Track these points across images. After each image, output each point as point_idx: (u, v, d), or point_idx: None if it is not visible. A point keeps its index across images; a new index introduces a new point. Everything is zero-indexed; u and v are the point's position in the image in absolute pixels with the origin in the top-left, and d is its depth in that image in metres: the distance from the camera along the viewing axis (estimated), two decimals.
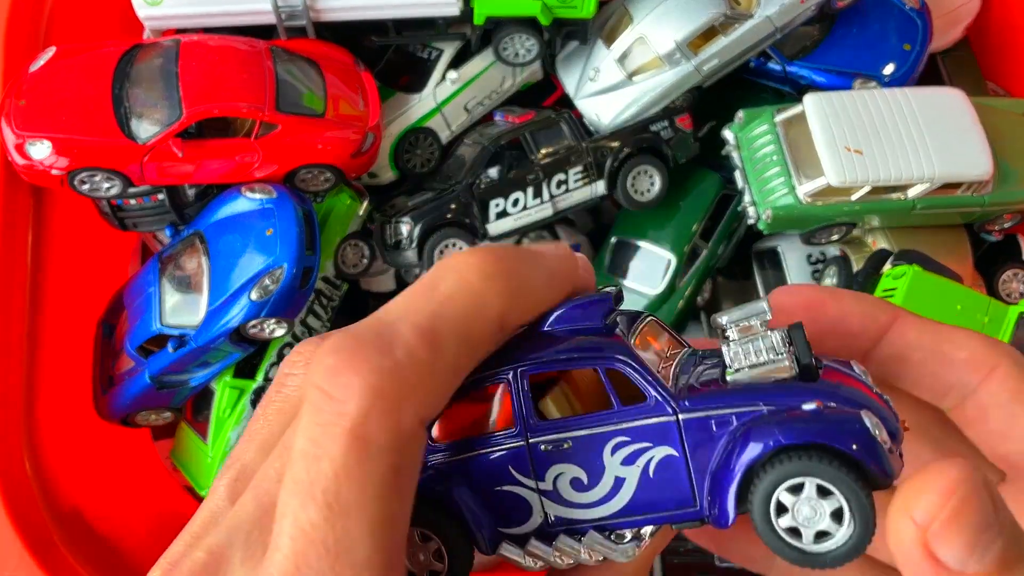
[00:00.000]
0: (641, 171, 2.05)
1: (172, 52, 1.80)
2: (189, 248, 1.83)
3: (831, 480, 0.56)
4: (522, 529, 0.64)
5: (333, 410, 0.45)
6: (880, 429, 0.57)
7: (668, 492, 0.62)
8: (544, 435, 0.63)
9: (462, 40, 2.11)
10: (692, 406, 0.61)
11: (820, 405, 0.58)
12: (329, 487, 0.44)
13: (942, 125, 1.91)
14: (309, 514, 0.44)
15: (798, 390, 0.59)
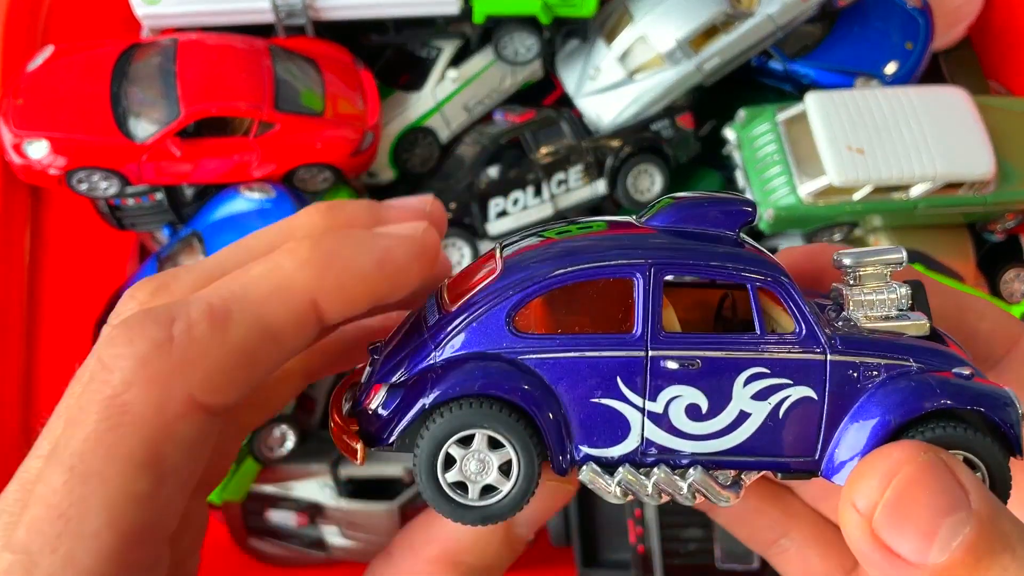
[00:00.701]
0: (642, 170, 2.04)
1: (170, 51, 1.79)
2: (187, 248, 1.82)
3: (982, 453, 0.53)
4: (611, 452, 0.57)
5: (100, 378, 0.45)
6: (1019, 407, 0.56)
7: (792, 437, 0.57)
8: (671, 349, 0.56)
9: (462, 39, 2.10)
10: (844, 348, 0.56)
11: (971, 372, 0.56)
12: (75, 452, 0.43)
13: (944, 124, 1.90)
14: (53, 479, 0.43)
15: (943, 355, 0.57)
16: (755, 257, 0.57)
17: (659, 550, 1.63)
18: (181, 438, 0.45)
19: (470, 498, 0.57)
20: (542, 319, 0.58)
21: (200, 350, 0.46)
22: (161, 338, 0.45)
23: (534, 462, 0.57)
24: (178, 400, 0.45)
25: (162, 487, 0.44)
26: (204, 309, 0.47)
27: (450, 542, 0.59)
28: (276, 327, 0.49)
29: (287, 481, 1.82)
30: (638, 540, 1.65)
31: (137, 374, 0.44)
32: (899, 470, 0.46)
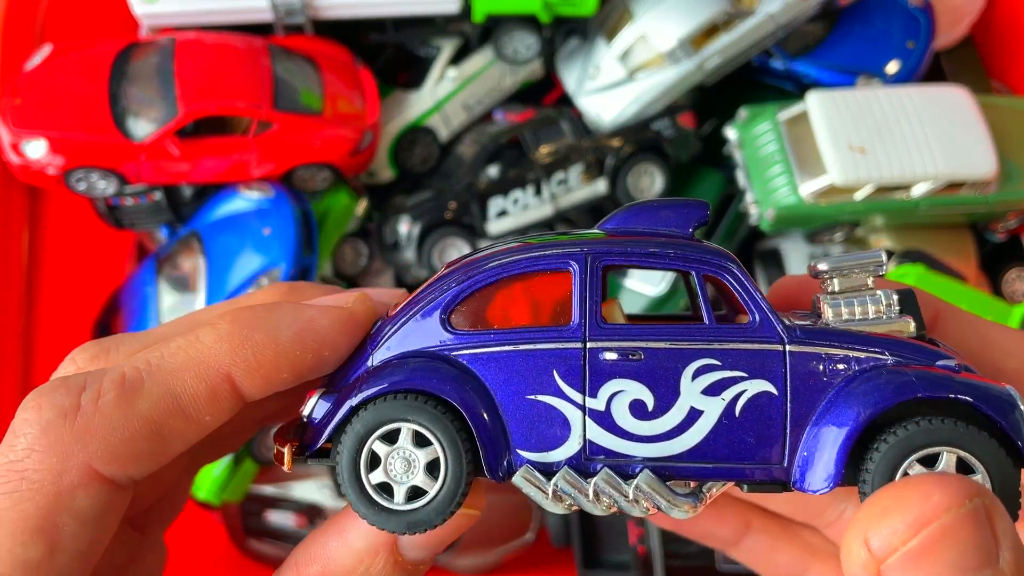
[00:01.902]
0: (642, 170, 2.04)
1: (168, 50, 1.78)
2: (186, 248, 1.81)
3: (979, 454, 0.47)
4: (551, 455, 0.52)
5: (8, 443, 0.45)
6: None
7: (753, 439, 0.51)
8: (609, 340, 0.52)
9: (461, 38, 2.09)
10: (804, 336, 0.51)
11: (958, 364, 0.50)
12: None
13: (946, 123, 1.89)
14: None
15: (926, 350, 0.51)
16: (702, 247, 0.54)
17: (660, 551, 1.62)
18: (78, 508, 0.45)
19: (395, 502, 0.54)
20: (480, 316, 0.56)
21: (103, 420, 0.46)
22: (67, 406, 0.45)
23: (462, 459, 0.53)
24: (76, 469, 0.45)
25: (55, 555, 0.44)
26: (116, 379, 0.47)
27: (332, 561, 0.55)
28: (186, 401, 0.48)
29: (286, 482, 1.82)
30: (638, 541, 1.64)
31: (39, 441, 0.45)
32: (935, 518, 0.41)
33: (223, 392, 0.49)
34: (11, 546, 0.43)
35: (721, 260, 0.53)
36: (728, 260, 0.53)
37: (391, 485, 0.54)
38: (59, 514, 0.44)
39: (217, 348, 0.49)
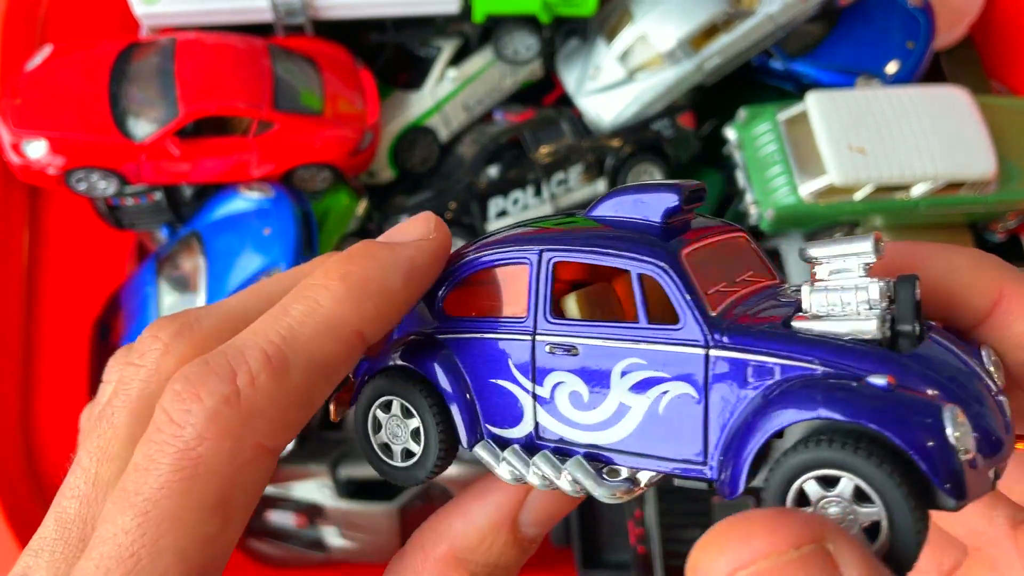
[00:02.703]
0: (642, 170, 2.04)
1: (168, 50, 1.78)
2: (186, 248, 1.81)
3: (872, 483, 0.43)
4: (510, 433, 0.58)
5: (171, 432, 0.47)
6: (965, 432, 0.43)
7: (675, 438, 0.51)
8: (553, 334, 0.55)
9: (461, 38, 2.10)
10: (731, 343, 0.49)
11: (892, 382, 0.44)
12: (150, 497, 0.45)
13: (945, 124, 1.89)
14: (124, 520, 0.45)
15: (873, 357, 0.46)
16: (639, 243, 0.54)
17: (659, 551, 1.62)
18: (249, 482, 0.48)
19: (394, 461, 0.61)
20: (465, 303, 0.61)
21: (265, 401, 0.48)
22: (228, 392, 0.48)
23: (434, 431, 0.59)
24: (248, 449, 0.48)
25: (228, 527, 0.47)
26: (261, 359, 0.49)
27: (457, 539, 0.60)
28: (329, 364, 0.51)
29: (286, 482, 1.82)
30: (638, 541, 1.64)
31: (209, 428, 0.47)
32: (752, 563, 0.38)
33: (356, 347, 0.53)
34: (192, 524, 0.45)
35: (654, 259, 0.52)
36: (661, 259, 0.52)
37: (390, 446, 0.61)
38: (233, 490, 0.47)
39: (341, 310, 0.52)
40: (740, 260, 0.60)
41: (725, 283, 0.55)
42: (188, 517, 0.46)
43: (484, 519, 0.59)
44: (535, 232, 0.59)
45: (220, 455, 0.47)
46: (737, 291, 0.55)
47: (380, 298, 0.53)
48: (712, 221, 0.60)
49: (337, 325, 0.51)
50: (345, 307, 0.52)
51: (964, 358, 0.49)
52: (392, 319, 0.55)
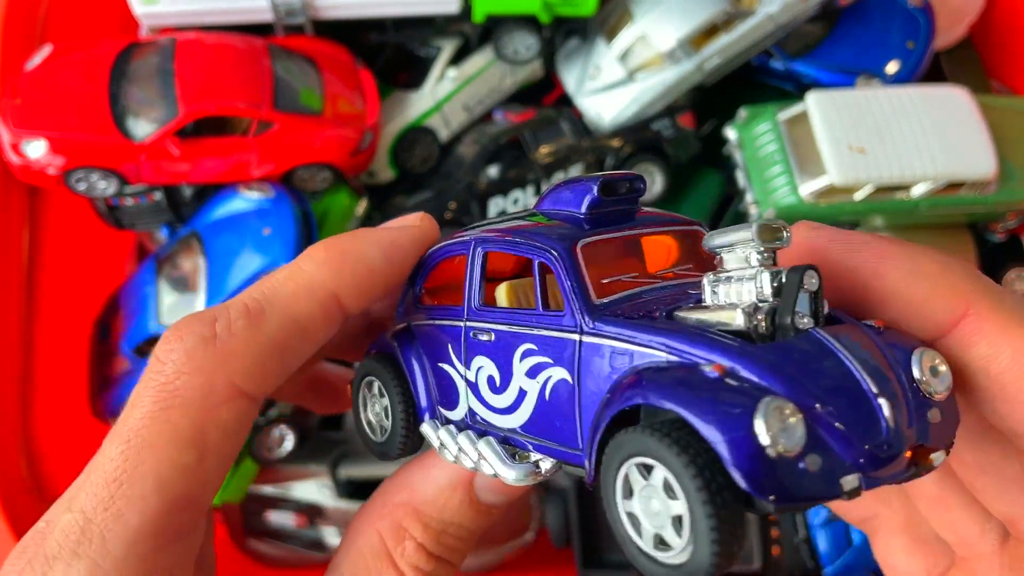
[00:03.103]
0: (642, 170, 2.04)
1: (168, 50, 1.78)
2: (186, 248, 1.81)
3: (674, 473, 0.41)
4: (452, 414, 0.62)
5: (155, 369, 0.52)
6: (784, 428, 0.40)
7: (558, 422, 0.53)
8: (478, 321, 0.59)
9: (461, 38, 2.09)
10: (597, 330, 0.50)
11: (719, 371, 0.43)
12: (133, 427, 0.50)
13: (945, 124, 1.89)
14: (111, 449, 0.50)
15: (717, 347, 0.44)
16: (552, 234, 0.55)
17: None
18: (223, 421, 0.52)
19: (376, 437, 0.67)
20: (430, 293, 0.66)
21: (240, 344, 0.53)
22: (206, 334, 0.53)
23: (397, 408, 0.63)
24: (221, 387, 0.52)
25: (204, 462, 0.51)
26: (241, 308, 0.55)
27: (416, 492, 0.64)
28: (304, 321, 0.56)
29: (286, 482, 1.82)
30: None
31: (186, 365, 0.52)
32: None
33: (332, 309, 0.57)
34: (169, 453, 0.50)
35: (549, 248, 0.54)
36: (555, 248, 0.54)
37: (371, 422, 0.67)
38: (207, 426, 0.51)
39: (320, 273, 0.57)
40: (679, 254, 0.58)
41: (636, 274, 0.55)
42: (164, 446, 0.50)
43: (442, 477, 0.63)
44: (492, 225, 0.62)
45: (195, 389, 0.51)
46: (646, 283, 0.54)
47: (357, 266, 0.58)
48: (661, 216, 0.59)
49: (315, 287, 0.56)
50: (324, 271, 0.57)
51: (850, 356, 0.45)
52: (371, 290, 0.59)
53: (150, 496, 0.48)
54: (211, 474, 0.52)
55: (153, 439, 0.50)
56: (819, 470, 0.41)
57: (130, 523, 0.48)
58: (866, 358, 0.45)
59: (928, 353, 0.47)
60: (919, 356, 0.47)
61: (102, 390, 1.89)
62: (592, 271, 0.53)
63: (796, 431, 0.41)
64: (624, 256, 0.57)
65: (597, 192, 0.56)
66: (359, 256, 0.59)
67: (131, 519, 0.48)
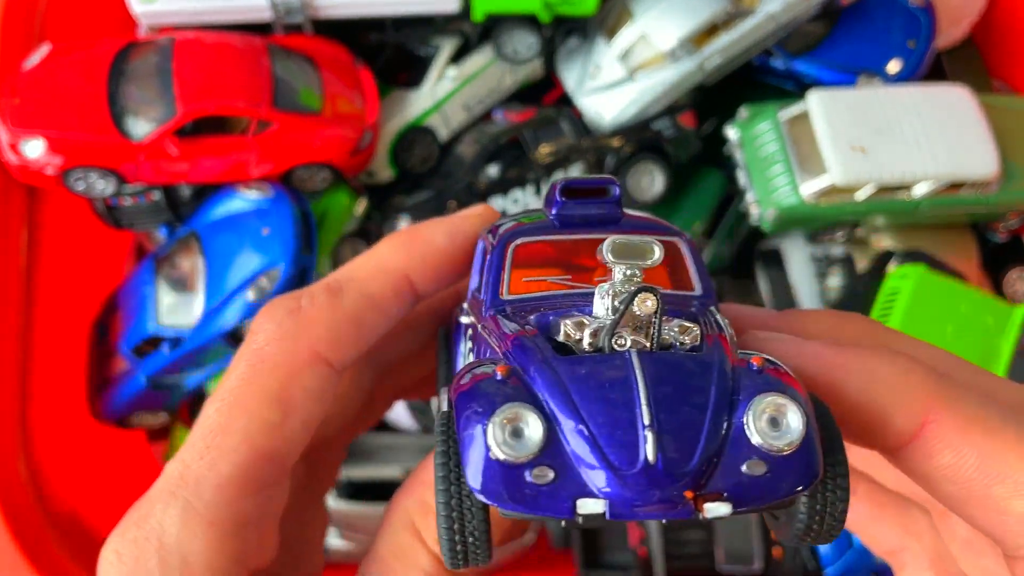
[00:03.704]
0: (642, 169, 2.03)
1: (167, 49, 1.78)
2: (184, 248, 1.81)
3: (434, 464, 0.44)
4: None
5: (250, 339, 0.58)
6: (516, 433, 0.41)
7: None
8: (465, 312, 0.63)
9: (461, 37, 2.09)
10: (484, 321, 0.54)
11: (502, 372, 0.44)
12: (228, 388, 0.56)
13: (947, 123, 1.89)
14: (210, 408, 0.56)
15: (522, 353, 0.45)
16: (510, 229, 0.58)
17: (660, 552, 1.62)
18: (306, 383, 0.57)
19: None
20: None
21: (320, 313, 0.59)
22: (292, 307, 0.59)
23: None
24: (304, 352, 0.58)
25: (288, 420, 0.56)
26: (323, 286, 0.62)
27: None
28: (378, 297, 0.62)
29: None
30: (640, 543, 1.64)
31: (274, 332, 0.58)
32: None
33: (404, 288, 0.63)
34: (257, 410, 0.55)
35: (494, 243, 0.57)
36: (496, 243, 0.58)
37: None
38: (292, 388, 0.57)
39: (394, 256, 0.63)
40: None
41: (568, 277, 0.55)
42: (253, 404, 0.55)
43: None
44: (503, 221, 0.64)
45: (281, 353, 0.57)
46: (570, 287, 0.54)
47: (425, 248, 0.64)
48: (639, 222, 0.58)
49: (387, 267, 0.63)
50: (396, 254, 0.64)
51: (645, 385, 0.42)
52: (439, 273, 0.65)
53: (239, 447, 0.54)
54: (295, 432, 0.57)
55: (244, 398, 0.56)
56: (548, 485, 0.41)
57: (221, 471, 0.53)
58: (667, 391, 0.42)
59: (768, 401, 0.43)
60: (755, 403, 0.43)
61: (100, 390, 1.88)
62: (519, 269, 0.56)
63: (528, 440, 0.41)
64: (569, 258, 0.56)
65: (559, 196, 0.57)
66: (426, 239, 0.65)
67: (222, 467, 0.53)
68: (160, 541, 0.51)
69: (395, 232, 0.67)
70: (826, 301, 2.02)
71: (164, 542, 0.51)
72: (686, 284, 0.57)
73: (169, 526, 0.52)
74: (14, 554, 1.57)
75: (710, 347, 0.45)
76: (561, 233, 0.57)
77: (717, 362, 0.44)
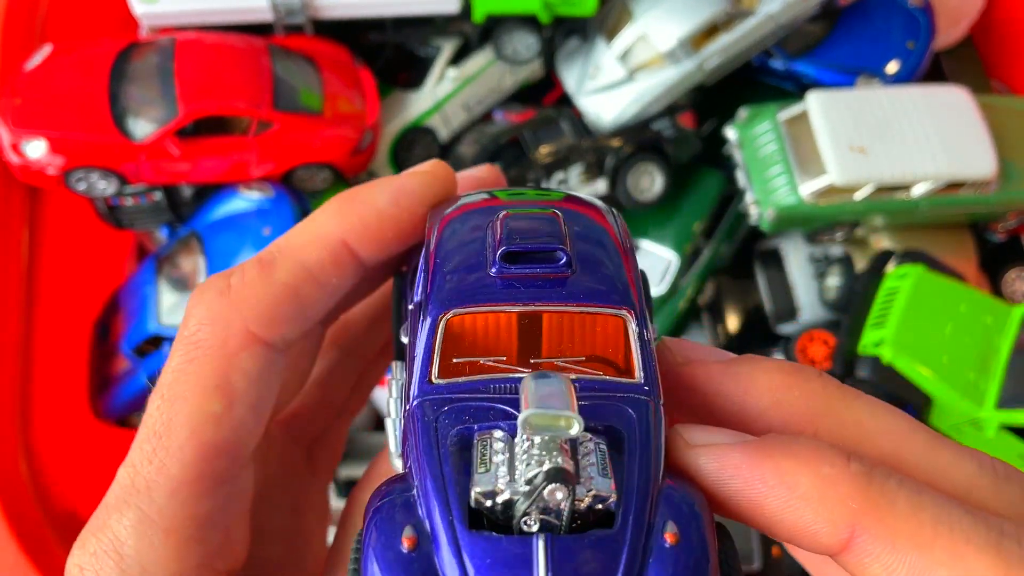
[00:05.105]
0: (642, 170, 2.04)
1: (168, 50, 1.78)
2: (185, 248, 1.81)
3: None
4: None
5: (181, 328, 0.54)
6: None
7: None
8: None
9: (461, 38, 2.09)
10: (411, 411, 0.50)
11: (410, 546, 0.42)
12: (166, 383, 0.52)
13: (946, 123, 1.89)
14: (151, 407, 0.52)
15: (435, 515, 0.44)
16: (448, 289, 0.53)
17: None
18: (245, 368, 0.53)
19: None
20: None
21: (251, 290, 0.55)
22: (222, 287, 0.55)
23: None
24: (237, 333, 0.53)
25: (233, 408, 0.52)
26: (254, 261, 0.57)
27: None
28: (314, 267, 0.57)
29: None
30: None
31: (205, 317, 0.54)
32: None
33: (343, 256, 0.57)
34: (197, 402, 0.51)
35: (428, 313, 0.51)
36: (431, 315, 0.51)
37: None
38: (230, 373, 0.53)
39: (329, 221, 0.58)
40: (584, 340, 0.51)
41: (503, 358, 0.50)
42: (192, 396, 0.51)
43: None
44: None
45: (214, 338, 0.53)
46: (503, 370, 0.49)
47: (364, 209, 0.58)
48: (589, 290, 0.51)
49: (323, 234, 0.57)
50: (332, 219, 0.58)
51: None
52: (381, 237, 0.59)
53: (186, 445, 0.51)
54: (242, 421, 0.53)
55: (183, 390, 0.52)
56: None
57: (171, 472, 0.50)
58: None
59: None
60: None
61: (102, 390, 1.89)
62: (449, 345, 0.49)
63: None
64: (508, 332, 0.51)
65: (499, 261, 0.50)
66: (365, 201, 0.59)
67: (171, 468, 0.50)
68: (118, 553, 0.49)
69: (334, 197, 0.61)
70: (825, 301, 2.02)
71: (123, 553, 0.49)
72: (627, 370, 0.50)
73: (125, 537, 0.49)
74: (15, 554, 1.57)
75: (622, 524, 0.42)
76: (499, 303, 0.50)
77: (628, 542, 0.42)
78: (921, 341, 1.71)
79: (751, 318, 2.14)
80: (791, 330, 2.07)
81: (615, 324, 0.50)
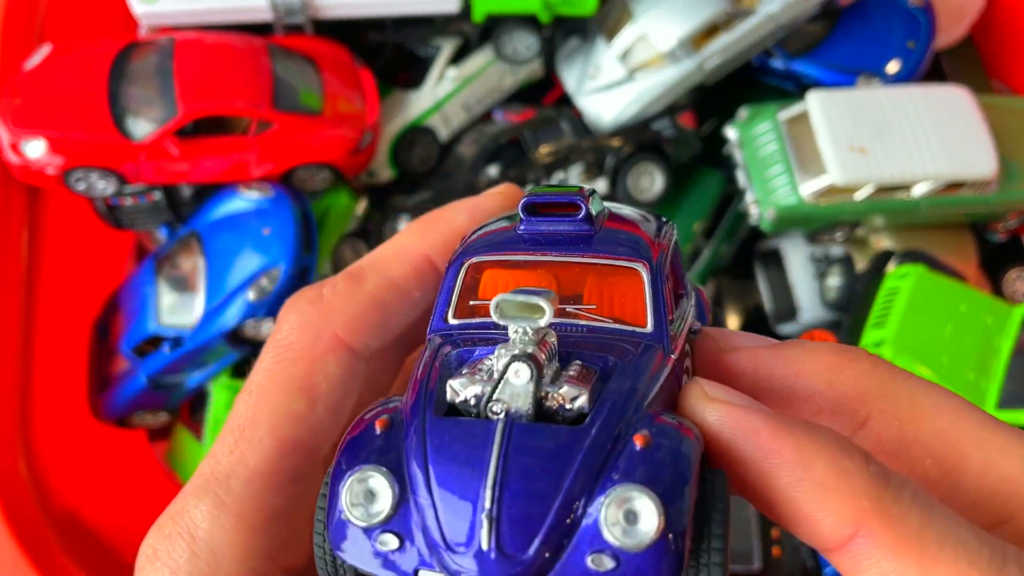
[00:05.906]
0: (642, 170, 2.04)
1: (167, 50, 1.78)
2: (185, 248, 1.81)
3: None
4: None
5: (274, 332, 0.59)
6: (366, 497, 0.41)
7: None
8: None
9: (461, 37, 2.09)
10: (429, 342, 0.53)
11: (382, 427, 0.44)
12: (255, 381, 0.56)
13: (946, 123, 1.89)
14: (239, 403, 0.56)
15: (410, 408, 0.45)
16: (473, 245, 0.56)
17: None
18: (329, 369, 0.57)
19: None
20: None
21: (341, 300, 0.59)
22: (314, 296, 0.59)
23: None
24: (326, 338, 0.57)
25: (314, 409, 0.56)
26: (344, 274, 0.61)
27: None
28: (399, 280, 0.61)
29: None
30: None
31: (296, 322, 0.58)
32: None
33: (425, 270, 0.61)
34: (282, 400, 0.55)
35: (453, 260, 0.54)
36: (457, 260, 0.54)
37: None
38: (316, 375, 0.56)
39: (413, 239, 0.62)
40: (599, 290, 0.52)
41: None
42: (278, 395, 0.55)
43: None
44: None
45: (304, 342, 0.57)
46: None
47: (445, 227, 0.63)
48: (612, 237, 0.53)
49: (408, 250, 0.62)
50: (415, 237, 0.63)
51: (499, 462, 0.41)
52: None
53: (266, 439, 0.54)
54: (322, 421, 0.56)
55: (269, 389, 0.56)
56: (390, 552, 0.41)
57: (249, 464, 0.53)
58: (522, 470, 0.40)
59: (623, 496, 0.40)
60: (610, 494, 0.40)
61: (101, 390, 1.88)
62: (468, 290, 0.52)
63: (376, 506, 0.41)
64: (527, 281, 0.52)
65: (522, 212, 0.52)
66: (446, 220, 0.63)
67: (249, 459, 0.53)
68: (192, 536, 0.52)
69: (418, 218, 0.66)
70: (826, 301, 2.02)
71: (195, 536, 0.52)
72: (636, 319, 0.51)
73: (200, 521, 0.52)
74: (15, 553, 1.57)
75: (588, 423, 0.42)
76: (523, 252, 0.52)
77: (592, 437, 0.41)
78: (921, 341, 1.70)
79: (751, 318, 2.14)
80: (791, 330, 2.06)
81: (633, 278, 0.52)
